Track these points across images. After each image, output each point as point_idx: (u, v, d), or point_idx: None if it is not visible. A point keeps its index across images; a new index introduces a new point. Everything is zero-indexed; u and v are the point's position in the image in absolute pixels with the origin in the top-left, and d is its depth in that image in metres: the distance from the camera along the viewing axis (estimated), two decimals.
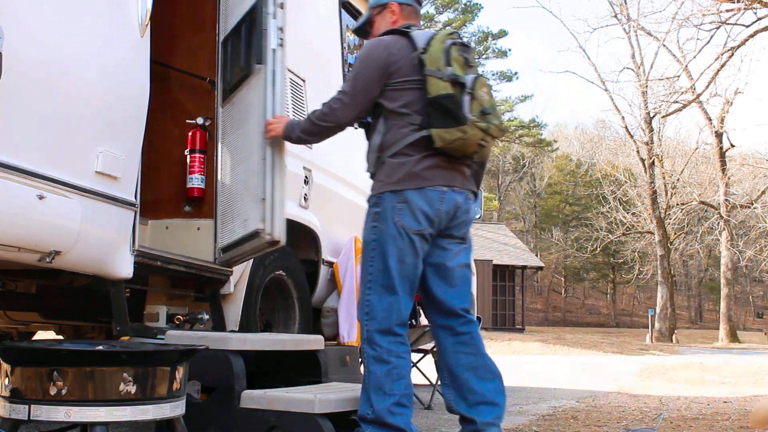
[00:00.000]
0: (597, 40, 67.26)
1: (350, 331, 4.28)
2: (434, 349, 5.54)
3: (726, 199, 22.76)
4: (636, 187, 27.61)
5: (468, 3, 32.25)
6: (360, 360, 4.36)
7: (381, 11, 3.05)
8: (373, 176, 2.90)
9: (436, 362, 3.92)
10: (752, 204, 22.98)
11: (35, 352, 2.16)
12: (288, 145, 3.88)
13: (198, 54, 3.88)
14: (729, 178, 23.31)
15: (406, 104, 2.79)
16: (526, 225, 44.78)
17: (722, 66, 19.58)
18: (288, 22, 4.19)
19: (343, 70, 4.77)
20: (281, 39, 3.12)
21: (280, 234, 3.06)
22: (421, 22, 3.28)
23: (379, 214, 2.79)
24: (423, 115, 2.76)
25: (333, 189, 4.38)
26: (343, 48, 4.79)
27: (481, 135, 2.72)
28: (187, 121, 3.77)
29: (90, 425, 2.08)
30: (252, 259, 3.60)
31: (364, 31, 3.16)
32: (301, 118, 3.09)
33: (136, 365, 2.12)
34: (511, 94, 36.87)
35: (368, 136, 2.95)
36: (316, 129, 2.94)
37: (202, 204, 3.76)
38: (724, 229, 23.33)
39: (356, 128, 3.05)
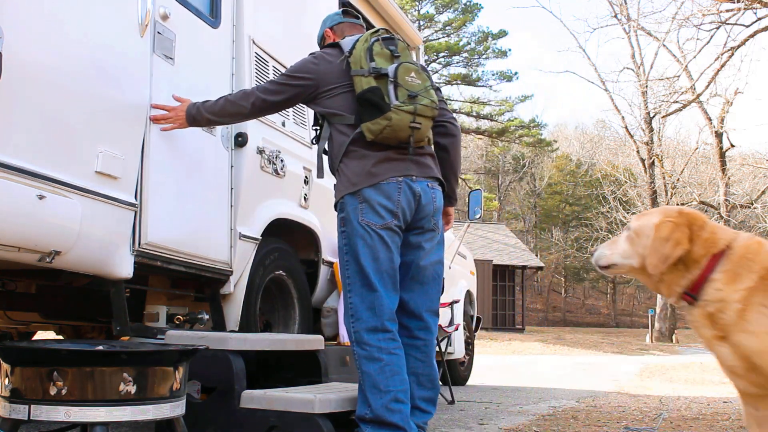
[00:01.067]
0: (597, 40, 67.21)
1: None
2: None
3: (726, 199, 22.74)
4: (636, 187, 27.59)
5: (468, 3, 32.21)
6: None
7: (324, 41, 3.26)
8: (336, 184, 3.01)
9: None
10: (752, 204, 22.96)
11: (35, 352, 2.16)
12: (289, 145, 3.91)
13: None
14: (729, 178, 23.29)
15: (340, 107, 2.92)
16: (526, 225, 44.76)
17: (722, 66, 19.56)
18: (289, 22, 4.21)
19: None
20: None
21: (148, 237, 2.94)
22: (420, 23, 3.36)
23: (344, 219, 2.89)
24: (355, 113, 2.88)
25: (333, 189, 4.38)
26: None
27: (410, 117, 2.81)
28: None
29: (90, 425, 2.08)
30: (252, 259, 3.61)
31: None
32: (207, 100, 3.06)
33: (136, 365, 2.13)
34: (511, 94, 36.72)
35: (319, 142, 3.08)
36: (231, 109, 3.01)
37: None
38: None
39: (313, 143, 3.18)
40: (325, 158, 3.08)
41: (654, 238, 2.22)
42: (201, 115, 3.01)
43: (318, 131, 3.09)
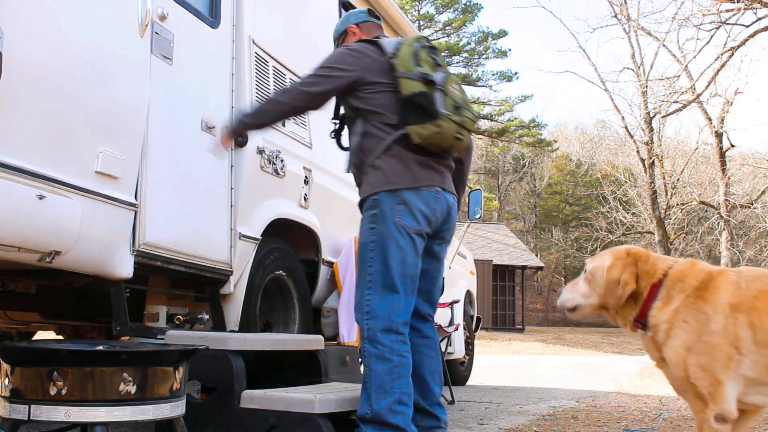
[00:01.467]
0: (597, 40, 66.83)
1: (350, 331, 4.28)
2: None
3: (726, 199, 22.70)
4: (636, 187, 27.56)
5: (468, 3, 32.18)
6: (360, 360, 4.36)
7: (344, 38, 3.20)
8: (358, 177, 2.98)
9: None
10: (752, 204, 22.92)
11: (35, 352, 2.16)
12: (289, 145, 3.90)
13: None
14: (729, 178, 23.24)
15: (381, 105, 2.89)
16: (526, 225, 44.71)
17: (722, 66, 19.52)
18: (289, 22, 4.21)
19: None
20: None
21: (146, 237, 2.95)
22: (420, 23, 3.38)
23: (377, 216, 2.85)
24: (398, 114, 2.85)
25: (333, 189, 4.38)
26: None
27: (456, 128, 2.83)
28: None
29: (90, 425, 2.08)
30: (252, 259, 3.61)
31: None
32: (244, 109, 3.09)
33: (136, 365, 2.13)
34: (511, 94, 36.69)
35: (338, 137, 3.11)
36: (270, 106, 2.98)
37: None
38: (724, 229, 23.29)
39: (332, 137, 3.18)
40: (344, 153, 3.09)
41: (606, 279, 2.46)
42: (240, 122, 2.99)
43: (339, 125, 3.07)
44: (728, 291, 2.29)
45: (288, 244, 4.02)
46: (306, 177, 4.05)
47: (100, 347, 2.21)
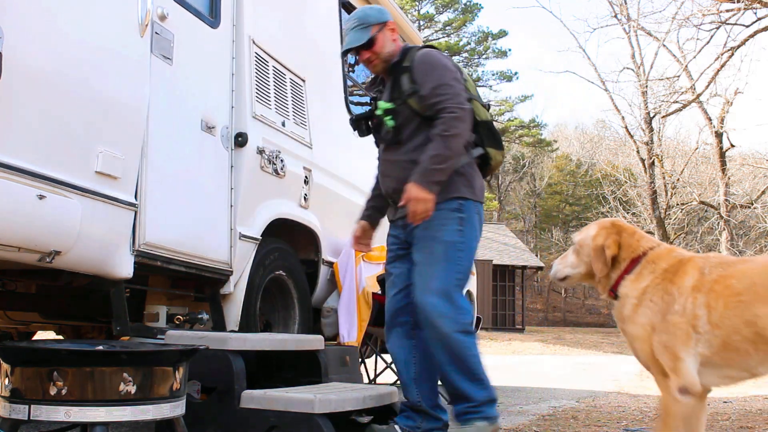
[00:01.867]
0: (597, 40, 66.88)
1: (350, 331, 4.28)
2: None
3: (726, 199, 22.68)
4: (636, 187, 27.54)
5: (468, 3, 32.20)
6: (360, 360, 4.36)
7: (381, 28, 3.09)
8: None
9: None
10: (752, 204, 22.90)
11: (35, 352, 2.16)
12: (289, 145, 3.90)
13: None
14: (729, 178, 23.22)
15: None
16: (526, 225, 44.72)
17: (722, 66, 19.49)
18: (289, 22, 4.21)
19: (344, 70, 4.77)
20: None
21: (146, 237, 2.94)
22: (420, 23, 3.40)
23: (464, 220, 2.92)
24: (474, 133, 2.95)
25: (333, 189, 4.38)
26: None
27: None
28: None
29: (90, 425, 2.08)
30: (252, 259, 3.61)
31: (356, 50, 3.10)
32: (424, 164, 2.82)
33: (136, 365, 2.12)
34: (511, 94, 36.81)
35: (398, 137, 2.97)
36: (453, 142, 2.79)
37: None
38: (724, 229, 23.27)
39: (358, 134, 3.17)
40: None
41: (593, 246, 2.63)
42: (431, 170, 2.79)
43: (398, 130, 2.95)
44: (694, 276, 2.44)
45: (288, 244, 4.02)
46: (306, 177, 4.05)
47: (100, 347, 2.21)
